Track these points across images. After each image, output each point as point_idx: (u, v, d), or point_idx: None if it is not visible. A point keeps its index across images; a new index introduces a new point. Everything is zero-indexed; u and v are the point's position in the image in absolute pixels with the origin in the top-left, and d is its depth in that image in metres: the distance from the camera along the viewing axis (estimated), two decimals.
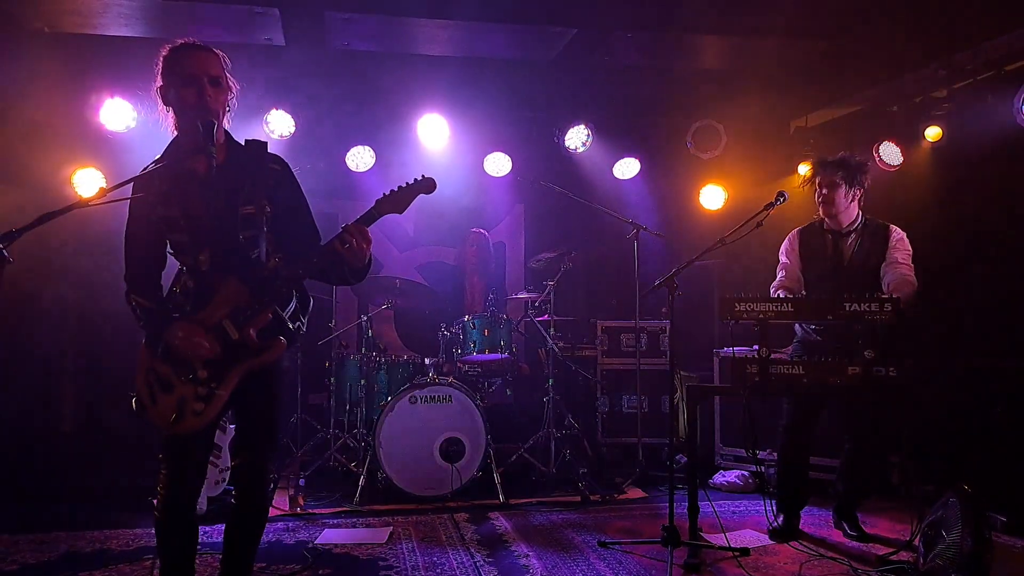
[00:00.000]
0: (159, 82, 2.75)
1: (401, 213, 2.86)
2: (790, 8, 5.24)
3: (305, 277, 2.81)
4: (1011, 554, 4.12)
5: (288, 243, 2.84)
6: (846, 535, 4.44)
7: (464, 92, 6.33)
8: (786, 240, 4.66)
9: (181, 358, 2.65)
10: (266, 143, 2.86)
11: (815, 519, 4.77)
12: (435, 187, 2.90)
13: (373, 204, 2.81)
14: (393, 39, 5.78)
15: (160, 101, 2.77)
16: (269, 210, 2.75)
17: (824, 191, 4.41)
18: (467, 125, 6.62)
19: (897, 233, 4.39)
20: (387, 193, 2.84)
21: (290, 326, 2.85)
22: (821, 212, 4.50)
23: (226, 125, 2.80)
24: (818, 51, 5.87)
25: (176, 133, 2.79)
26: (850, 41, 5.64)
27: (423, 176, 2.90)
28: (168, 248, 2.80)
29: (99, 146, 5.89)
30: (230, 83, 2.78)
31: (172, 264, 2.84)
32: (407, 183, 2.86)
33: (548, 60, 6.09)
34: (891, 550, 4.14)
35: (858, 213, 4.46)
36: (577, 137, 6.79)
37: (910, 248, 4.37)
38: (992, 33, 5.13)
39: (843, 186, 4.37)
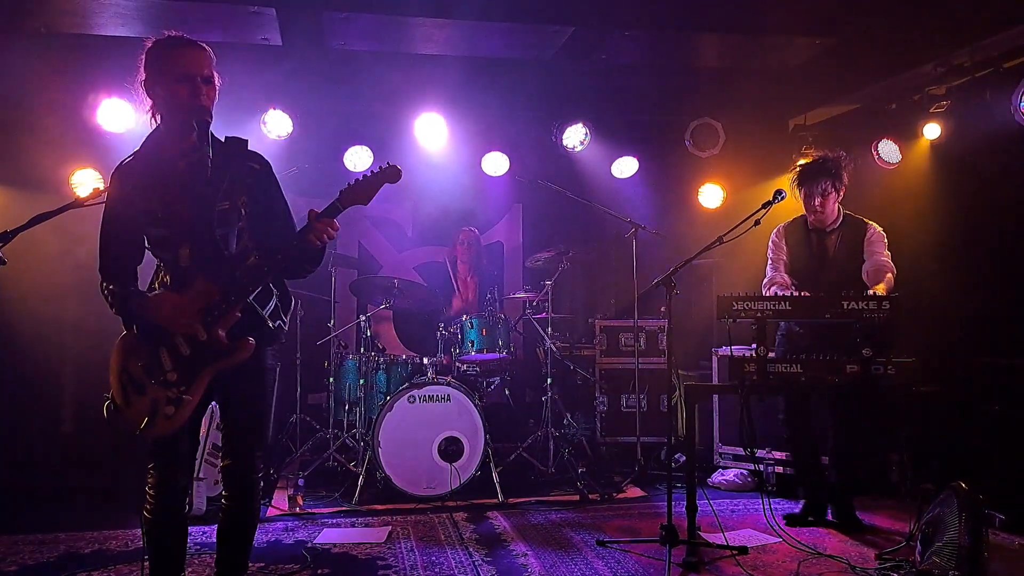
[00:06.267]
0: (143, 75, 2.73)
1: (366, 204, 2.79)
2: (788, 6, 5.24)
3: (272, 273, 2.74)
4: (1009, 552, 4.12)
5: (268, 243, 2.78)
6: (845, 532, 4.45)
7: (462, 91, 6.31)
8: (772, 235, 4.75)
9: (163, 332, 2.63)
10: (247, 141, 2.81)
11: None
12: (400, 175, 2.80)
13: (337, 195, 2.75)
14: (391, 39, 5.76)
15: (144, 93, 2.75)
16: (246, 208, 2.71)
17: (818, 201, 4.47)
18: (465, 124, 6.60)
19: (872, 229, 4.51)
20: (351, 183, 2.77)
21: (270, 325, 2.82)
22: (811, 221, 4.59)
23: None
24: (816, 49, 5.87)
25: (157, 124, 2.76)
26: (848, 39, 5.64)
27: (388, 164, 2.81)
28: (146, 243, 2.76)
29: (97, 146, 5.86)
30: (217, 78, 2.77)
31: (149, 261, 2.81)
32: (372, 172, 2.78)
33: (546, 59, 6.08)
34: (890, 547, 4.14)
35: (838, 210, 4.56)
36: (575, 136, 6.77)
37: (887, 242, 4.48)
38: (990, 30, 5.13)
39: (833, 192, 4.48)
